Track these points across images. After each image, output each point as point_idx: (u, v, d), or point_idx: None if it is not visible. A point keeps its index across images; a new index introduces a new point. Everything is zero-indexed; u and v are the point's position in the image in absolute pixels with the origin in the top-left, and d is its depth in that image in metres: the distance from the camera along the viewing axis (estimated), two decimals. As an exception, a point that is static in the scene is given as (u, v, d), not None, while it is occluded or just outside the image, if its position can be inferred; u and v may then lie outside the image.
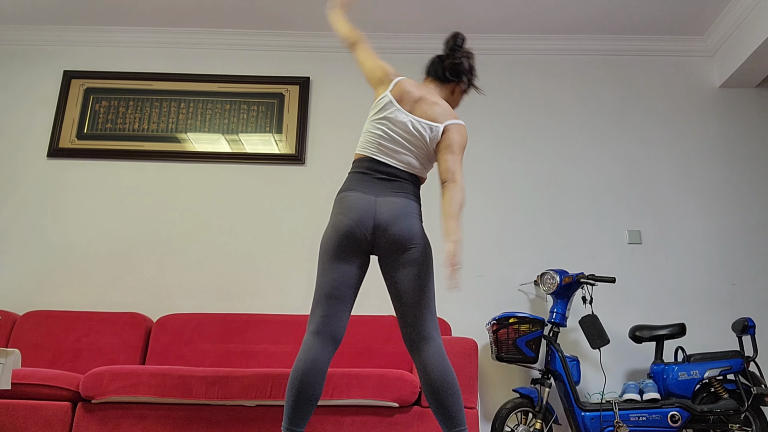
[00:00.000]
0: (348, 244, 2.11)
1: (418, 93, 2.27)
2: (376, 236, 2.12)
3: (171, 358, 3.31)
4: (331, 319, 2.07)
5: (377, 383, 2.68)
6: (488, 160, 3.90)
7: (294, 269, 3.69)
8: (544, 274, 3.33)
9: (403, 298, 2.11)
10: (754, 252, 3.71)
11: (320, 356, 2.03)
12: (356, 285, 2.14)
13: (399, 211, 2.12)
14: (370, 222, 2.11)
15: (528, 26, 4.02)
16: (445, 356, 2.06)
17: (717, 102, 4.00)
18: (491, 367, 3.50)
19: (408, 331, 2.10)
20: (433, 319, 2.12)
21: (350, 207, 2.13)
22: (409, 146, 2.21)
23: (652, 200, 3.81)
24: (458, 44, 2.36)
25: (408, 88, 2.27)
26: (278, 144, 3.91)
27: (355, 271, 2.13)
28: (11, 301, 3.62)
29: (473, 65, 2.38)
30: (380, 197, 2.14)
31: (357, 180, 2.20)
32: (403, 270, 2.11)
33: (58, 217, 3.78)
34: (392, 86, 2.27)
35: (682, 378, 3.10)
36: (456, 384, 2.03)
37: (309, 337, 2.07)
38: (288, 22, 4.02)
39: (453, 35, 2.37)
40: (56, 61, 4.10)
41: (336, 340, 2.08)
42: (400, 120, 2.22)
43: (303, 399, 2.01)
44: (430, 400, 2.04)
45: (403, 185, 2.20)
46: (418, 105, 2.24)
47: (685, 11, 3.85)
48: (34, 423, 2.65)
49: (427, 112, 2.23)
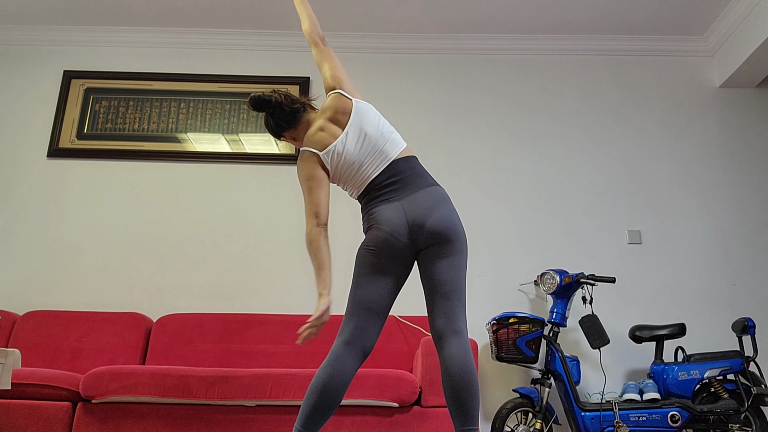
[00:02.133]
0: (385, 256, 2.07)
1: (333, 98, 2.24)
2: (413, 237, 2.08)
3: (171, 358, 3.31)
4: (365, 332, 2.05)
5: (377, 383, 2.68)
6: (488, 160, 3.90)
7: (294, 269, 3.69)
8: (544, 274, 3.33)
9: (440, 288, 2.06)
10: (754, 252, 3.70)
11: (348, 367, 2.01)
12: (393, 298, 2.11)
13: (427, 203, 2.09)
14: (404, 227, 2.07)
15: (528, 26, 4.01)
16: (470, 353, 2.02)
17: (717, 102, 4.00)
18: (491, 367, 3.50)
19: (440, 323, 2.05)
20: (464, 312, 2.09)
21: (382, 220, 2.09)
22: (374, 142, 2.17)
23: (652, 200, 3.81)
24: (267, 101, 2.23)
25: (332, 104, 2.24)
26: (278, 144, 3.91)
27: (393, 284, 2.10)
28: (11, 301, 3.62)
29: (269, 99, 2.24)
30: (403, 199, 2.10)
31: (373, 199, 2.15)
32: (442, 260, 2.07)
33: (58, 217, 3.78)
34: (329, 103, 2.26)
35: (682, 378, 3.10)
36: (476, 382, 2.00)
37: (340, 346, 2.03)
38: (288, 22, 4.02)
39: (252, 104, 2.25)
40: (56, 61, 4.10)
41: (366, 353, 2.05)
42: (351, 132, 2.17)
43: (323, 406, 1.98)
44: (447, 393, 2.01)
45: (413, 174, 2.15)
46: (338, 111, 2.22)
47: (685, 11, 3.85)
48: (34, 423, 2.65)
49: (342, 103, 2.22)
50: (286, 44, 4.12)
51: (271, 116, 2.25)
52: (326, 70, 2.30)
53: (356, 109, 2.20)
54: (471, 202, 3.81)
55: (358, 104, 2.21)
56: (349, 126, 2.16)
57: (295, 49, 4.12)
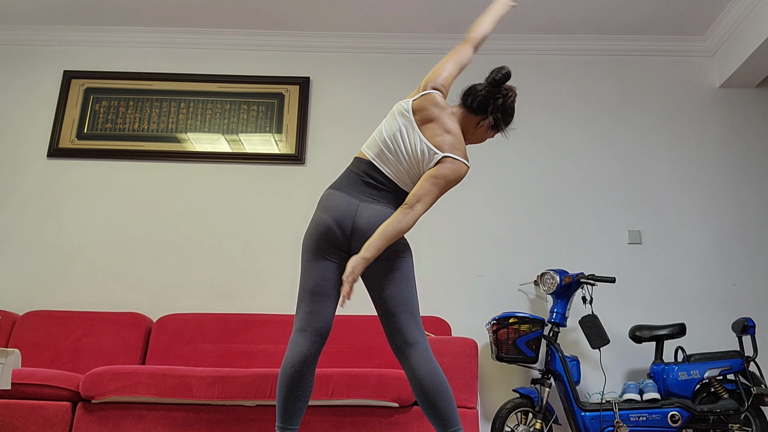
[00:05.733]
0: (326, 241, 2.12)
1: (437, 113, 2.17)
2: (353, 240, 2.12)
3: (171, 358, 3.31)
4: (315, 315, 2.09)
5: (377, 383, 2.68)
6: (488, 160, 3.90)
7: (294, 269, 3.69)
8: (544, 274, 3.33)
9: (386, 304, 2.11)
10: (754, 252, 3.71)
11: (307, 352, 2.06)
12: (338, 281, 2.15)
13: (379, 220, 2.11)
14: (349, 224, 2.11)
15: (528, 26, 4.02)
16: (433, 359, 2.07)
17: (717, 102, 4.00)
18: (491, 367, 3.50)
19: (393, 338, 2.10)
20: (417, 323, 2.12)
21: (332, 206, 2.14)
22: (405, 162, 2.17)
23: (652, 200, 3.81)
24: (496, 78, 2.18)
25: (429, 104, 2.18)
26: (278, 144, 3.92)
27: (335, 267, 2.14)
28: (11, 301, 3.62)
29: (510, 106, 2.21)
30: (363, 203, 2.14)
31: (347, 180, 2.20)
32: (384, 277, 2.11)
33: (57, 218, 3.78)
34: (419, 96, 2.21)
35: (682, 378, 3.10)
36: (446, 385, 2.03)
37: (295, 334, 2.09)
38: (288, 22, 4.02)
39: (497, 69, 2.19)
40: (56, 61, 4.10)
41: (322, 335, 2.10)
42: (408, 134, 2.17)
43: (293, 396, 2.03)
44: (421, 403, 2.04)
45: (388, 195, 2.17)
46: (429, 125, 2.16)
47: (685, 11, 3.85)
48: (34, 423, 2.65)
49: (435, 137, 2.13)
50: (286, 44, 4.12)
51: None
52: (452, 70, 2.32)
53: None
54: (471, 202, 3.81)
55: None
56: (421, 127, 2.20)
57: (295, 49, 4.12)
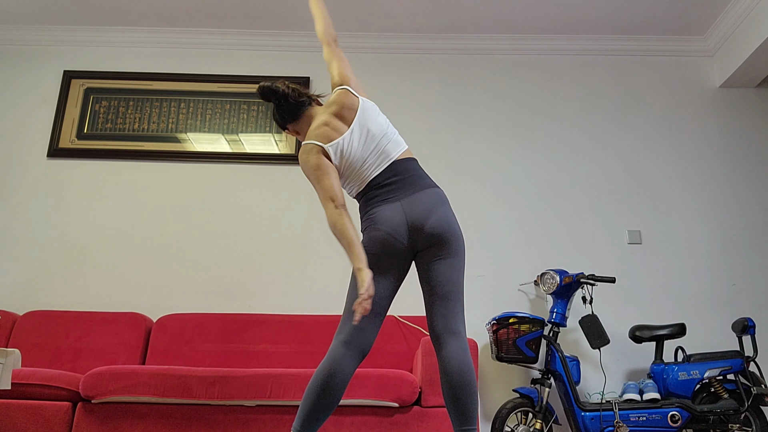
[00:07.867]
0: (385, 256, 2.07)
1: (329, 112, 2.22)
2: (412, 238, 2.08)
3: (171, 358, 3.31)
4: (363, 333, 2.05)
5: (377, 383, 2.68)
6: (488, 160, 3.90)
7: (294, 269, 3.68)
8: (544, 274, 3.33)
9: (438, 290, 2.07)
10: (754, 252, 3.70)
11: (347, 367, 2.01)
12: (391, 299, 2.12)
13: (427, 205, 2.09)
14: (404, 227, 2.07)
15: (528, 26, 4.01)
16: (468, 354, 2.03)
17: (717, 102, 4.00)
18: (491, 367, 3.50)
19: (438, 324, 2.06)
20: (462, 313, 2.10)
21: (381, 220, 2.08)
22: (377, 141, 2.16)
23: (652, 200, 3.81)
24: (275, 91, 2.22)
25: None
26: (278, 144, 3.92)
27: (392, 284, 2.10)
28: (11, 301, 3.62)
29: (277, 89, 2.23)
30: (404, 200, 2.10)
31: (375, 201, 2.14)
32: (441, 262, 2.08)
33: (58, 218, 3.78)
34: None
35: (682, 378, 3.10)
36: (474, 383, 2.01)
37: (338, 345, 2.03)
38: (288, 22, 4.02)
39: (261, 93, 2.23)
40: (56, 61, 4.10)
41: (364, 353, 2.06)
42: (360, 128, 2.17)
43: (322, 406, 1.98)
44: (446, 394, 2.01)
45: (413, 175, 2.15)
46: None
47: (685, 11, 3.85)
48: (34, 423, 2.65)
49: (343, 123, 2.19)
50: (286, 44, 4.12)
51: (276, 107, 2.25)
52: (334, 68, 2.30)
53: (362, 106, 2.19)
54: (471, 202, 3.81)
55: (364, 102, 2.21)
56: (354, 123, 2.16)
57: (296, 49, 4.12)
